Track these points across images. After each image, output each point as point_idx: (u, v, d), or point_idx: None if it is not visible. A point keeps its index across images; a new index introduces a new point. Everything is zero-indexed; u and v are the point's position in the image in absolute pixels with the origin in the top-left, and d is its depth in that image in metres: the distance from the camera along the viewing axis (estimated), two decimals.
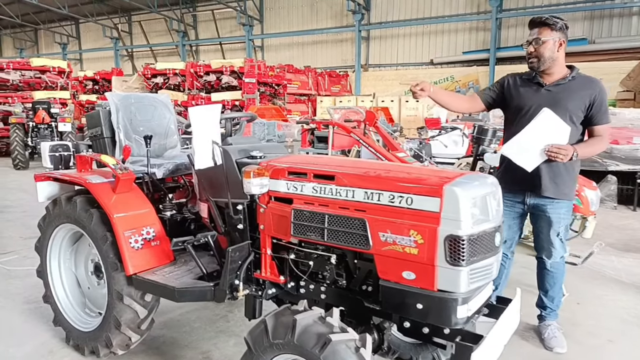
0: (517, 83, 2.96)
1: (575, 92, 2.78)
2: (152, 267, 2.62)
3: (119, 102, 3.21)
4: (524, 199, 2.94)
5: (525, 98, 2.88)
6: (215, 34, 25.03)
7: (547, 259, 3.03)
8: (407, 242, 1.90)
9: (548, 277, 3.09)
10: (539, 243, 3.04)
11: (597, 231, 5.62)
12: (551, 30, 2.73)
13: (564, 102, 2.77)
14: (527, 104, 2.85)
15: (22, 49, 32.49)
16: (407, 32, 20.14)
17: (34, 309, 3.62)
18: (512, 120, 2.95)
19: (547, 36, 2.73)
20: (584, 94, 2.77)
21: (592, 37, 16.36)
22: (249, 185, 2.23)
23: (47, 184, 3.08)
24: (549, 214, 2.89)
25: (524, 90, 2.90)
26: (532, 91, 2.86)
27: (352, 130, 5.23)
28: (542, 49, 2.74)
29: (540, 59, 2.76)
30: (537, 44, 2.74)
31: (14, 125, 11.62)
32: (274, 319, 1.97)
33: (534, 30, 2.78)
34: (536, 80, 2.87)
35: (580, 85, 2.79)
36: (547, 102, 2.76)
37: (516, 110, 2.92)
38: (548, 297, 3.14)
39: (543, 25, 2.74)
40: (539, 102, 2.81)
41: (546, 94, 2.82)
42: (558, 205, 2.89)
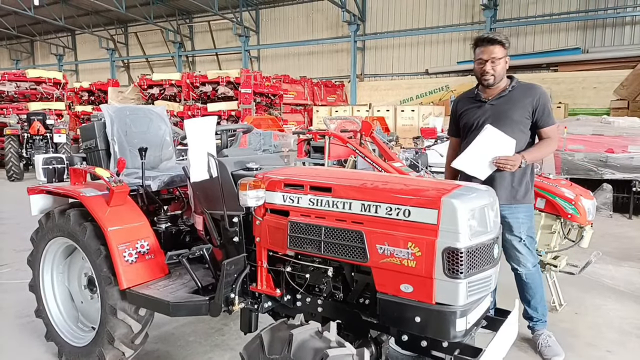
0: (463, 104, 3.09)
1: (518, 102, 2.87)
2: (146, 281, 2.59)
3: (114, 114, 3.19)
4: None
5: (470, 115, 2.99)
6: (211, 45, 25.14)
7: (519, 268, 3.05)
8: (404, 255, 1.88)
9: (526, 288, 3.11)
10: (506, 252, 3.05)
11: (593, 240, 5.62)
12: (503, 48, 2.83)
13: (509, 113, 2.86)
14: (473, 121, 2.97)
15: (18, 60, 32.53)
16: (402, 42, 20.30)
17: (25, 323, 3.57)
18: (464, 138, 3.06)
19: (501, 54, 2.82)
20: (526, 101, 2.86)
21: (585, 47, 16.53)
22: (244, 198, 2.21)
23: (40, 197, 3.05)
24: (507, 219, 2.94)
25: (469, 109, 3.01)
26: (476, 108, 2.97)
27: (348, 141, 5.23)
28: (498, 67, 2.83)
29: (496, 76, 2.85)
30: (494, 63, 2.82)
31: (8, 136, 11.58)
32: (270, 333, 1.94)
33: (484, 48, 2.84)
34: (478, 97, 2.98)
35: (520, 94, 2.89)
36: (493, 116, 2.88)
37: (465, 128, 3.03)
38: (532, 307, 3.15)
39: (498, 44, 2.82)
40: (484, 116, 2.92)
41: (490, 108, 2.92)
42: (516, 210, 2.94)
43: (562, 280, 4.16)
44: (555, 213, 3.62)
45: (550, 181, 3.73)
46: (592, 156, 7.37)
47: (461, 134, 3.13)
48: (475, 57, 2.91)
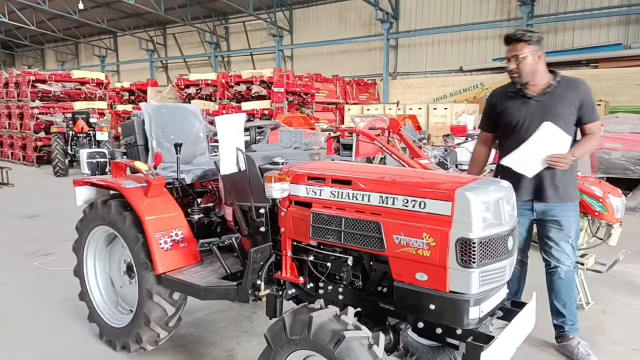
0: (503, 99, 2.97)
1: (563, 97, 2.81)
2: (180, 267, 2.77)
3: (152, 112, 3.40)
4: (532, 206, 2.94)
5: (514, 112, 2.89)
6: (246, 45, 25.58)
7: (560, 266, 2.97)
8: (420, 245, 1.97)
9: (564, 287, 3.00)
10: (548, 251, 2.99)
11: (628, 240, 5.48)
12: (528, 45, 2.76)
13: (555, 110, 2.79)
14: (518, 118, 2.87)
15: (64, 62, 34.04)
16: (436, 39, 20.06)
17: (70, 307, 3.84)
18: (507, 136, 2.95)
19: (525, 52, 2.76)
20: (571, 97, 2.80)
21: (627, 42, 15.89)
22: (270, 190, 2.35)
23: (85, 189, 3.29)
24: (558, 217, 2.89)
25: (511, 104, 2.91)
26: (520, 104, 2.88)
27: (376, 138, 5.31)
28: (522, 65, 2.78)
29: (522, 74, 2.80)
30: (517, 61, 2.78)
31: (55, 134, 12.21)
32: (292, 316, 2.07)
33: (510, 46, 2.81)
34: (522, 92, 2.88)
35: (565, 90, 2.82)
36: (539, 113, 2.81)
37: (508, 125, 2.92)
38: (567, 309, 3.03)
39: (519, 42, 2.77)
40: (530, 114, 2.84)
41: (535, 104, 2.84)
42: (567, 208, 2.90)
43: (592, 279, 4.11)
44: (582, 211, 3.59)
45: (578, 178, 3.70)
46: (630, 155, 7.17)
47: (500, 131, 3.03)
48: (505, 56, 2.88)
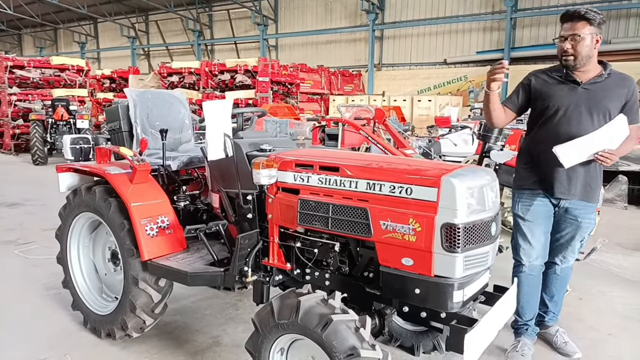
0: (546, 81, 2.70)
1: (613, 91, 2.59)
2: (166, 253, 2.76)
3: (136, 97, 3.36)
4: (560, 201, 2.72)
5: (560, 97, 2.62)
6: (230, 34, 25.28)
7: (560, 264, 2.89)
8: (406, 230, 2.00)
9: (557, 282, 2.94)
10: (556, 248, 2.86)
11: (606, 230, 5.65)
12: (590, 26, 2.49)
13: (605, 102, 2.57)
14: (563, 104, 2.61)
15: (42, 48, 33.19)
16: (421, 31, 20.13)
17: (53, 295, 3.80)
18: (543, 121, 2.70)
19: (585, 32, 2.48)
20: (621, 92, 2.59)
21: (608, 38, 16.17)
22: (258, 176, 2.35)
23: (68, 175, 3.24)
24: (581, 219, 2.73)
25: (558, 89, 2.64)
26: (568, 89, 2.62)
27: (362, 128, 5.33)
28: (579, 47, 2.49)
29: (577, 57, 2.52)
30: (575, 41, 2.50)
31: (33, 121, 11.94)
32: (280, 301, 2.09)
33: (569, 24, 2.53)
34: (570, 77, 2.62)
35: (615, 83, 2.60)
36: (586, 102, 2.58)
37: (547, 110, 2.66)
38: (553, 301, 3.00)
39: (581, 20, 2.48)
40: (577, 101, 2.59)
41: (584, 92, 2.59)
42: (591, 209, 2.75)
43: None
44: None
45: None
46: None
47: (534, 115, 2.77)
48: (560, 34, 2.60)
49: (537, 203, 2.76)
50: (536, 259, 2.81)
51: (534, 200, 2.76)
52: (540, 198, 2.75)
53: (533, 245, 2.78)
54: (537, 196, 2.76)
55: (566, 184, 2.66)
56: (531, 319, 2.92)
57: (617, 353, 3.04)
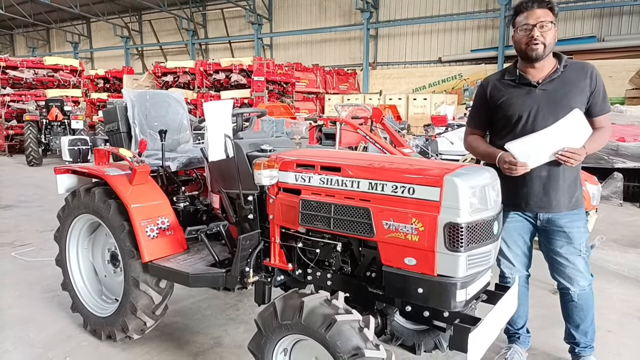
0: (500, 89, 2.51)
1: (573, 85, 2.40)
2: (166, 255, 2.75)
3: (134, 98, 3.34)
4: (537, 214, 2.54)
5: (519, 104, 2.43)
6: (224, 33, 25.21)
7: (572, 287, 2.58)
8: (409, 230, 2.00)
9: (576, 310, 2.62)
10: (559, 270, 2.59)
11: (602, 227, 5.69)
12: (553, 15, 2.37)
13: (566, 100, 2.37)
14: (522, 111, 2.42)
15: (35, 48, 32.94)
16: (416, 30, 20.17)
17: (51, 297, 3.78)
18: (506, 132, 2.48)
19: (550, 19, 2.35)
20: (583, 84, 2.40)
21: (601, 35, 16.29)
22: (259, 177, 2.35)
23: (66, 177, 3.22)
24: (566, 229, 2.50)
25: (515, 95, 2.45)
26: (525, 94, 2.44)
27: (359, 127, 5.34)
28: (549, 34, 2.35)
29: (547, 46, 2.35)
30: (543, 28, 2.33)
31: (28, 122, 11.86)
32: (283, 301, 2.09)
33: (534, 11, 2.34)
34: (524, 80, 2.44)
35: (575, 76, 2.42)
36: (547, 104, 2.39)
37: (508, 120, 2.47)
38: (580, 331, 2.65)
39: (546, 7, 2.35)
40: (537, 105, 2.40)
41: (542, 94, 2.40)
42: (576, 217, 2.52)
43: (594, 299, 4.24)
44: None
45: None
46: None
47: (497, 127, 2.55)
48: (517, 25, 2.40)
49: (509, 220, 2.57)
50: (518, 271, 2.70)
51: (506, 218, 2.54)
52: (512, 214, 2.58)
53: (510, 259, 2.69)
54: (509, 213, 2.56)
55: (543, 196, 2.47)
56: (522, 327, 2.87)
57: (617, 350, 3.06)
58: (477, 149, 2.64)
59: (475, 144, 2.65)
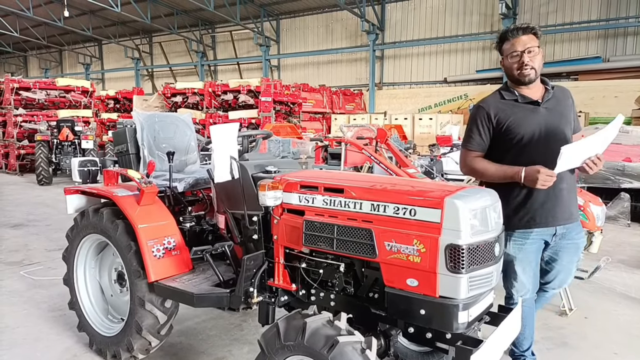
0: (504, 110, 2.52)
1: (565, 103, 2.57)
2: (172, 274, 2.79)
3: (143, 120, 3.42)
4: (556, 230, 2.56)
5: (525, 123, 2.47)
6: (233, 54, 25.62)
7: (555, 289, 2.79)
8: (410, 251, 2.02)
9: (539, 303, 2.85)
10: (553, 275, 2.70)
11: (609, 248, 5.65)
12: (537, 38, 2.47)
13: (566, 117, 2.53)
14: (531, 130, 2.47)
15: (47, 69, 33.64)
16: (421, 51, 20.38)
17: (58, 316, 3.81)
18: (523, 149, 2.47)
19: (536, 44, 2.47)
20: (569, 103, 2.60)
21: (606, 56, 16.35)
22: (263, 198, 2.39)
23: (75, 197, 3.29)
24: (576, 239, 2.63)
25: (521, 114, 2.49)
26: (530, 112, 2.50)
27: (364, 147, 5.39)
28: (537, 58, 2.47)
29: (537, 70, 2.47)
30: (531, 54, 2.45)
31: (39, 142, 12.06)
32: (286, 322, 2.11)
33: (520, 38, 2.44)
34: (527, 99, 2.51)
35: (562, 96, 2.59)
36: (552, 121, 2.48)
37: (521, 138, 2.47)
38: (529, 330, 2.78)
39: (531, 33, 2.46)
40: (545, 121, 2.47)
41: (545, 111, 2.50)
42: (578, 228, 2.66)
43: (574, 286, 4.22)
44: None
45: None
46: (610, 165, 7.37)
47: (506, 147, 2.52)
48: (506, 52, 2.50)
49: (529, 242, 2.55)
50: (526, 293, 2.65)
51: (527, 240, 2.55)
52: (534, 236, 2.55)
53: (524, 282, 2.62)
54: (530, 234, 2.54)
55: (568, 208, 2.54)
56: (527, 349, 2.83)
57: None
58: (487, 171, 2.54)
59: (482, 166, 2.57)
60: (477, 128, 2.58)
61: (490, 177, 2.55)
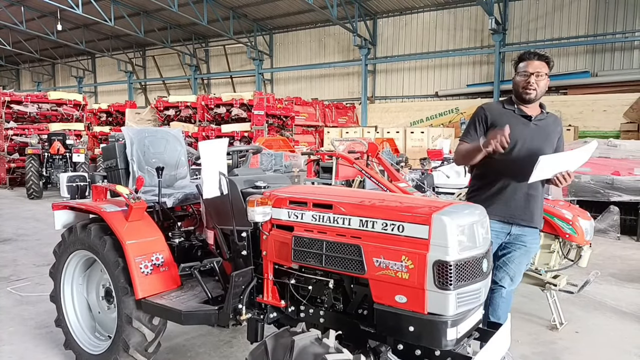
0: (500, 116, 2.83)
1: (554, 127, 2.90)
2: (160, 291, 2.76)
3: (133, 135, 3.42)
4: (511, 229, 2.87)
5: (516, 131, 2.70)
6: (226, 68, 25.73)
7: (507, 287, 2.93)
8: (399, 267, 2.02)
9: (504, 305, 2.94)
10: (503, 272, 2.91)
11: (599, 262, 5.68)
12: (548, 67, 2.80)
13: (550, 137, 2.84)
14: (520, 137, 2.76)
15: (40, 82, 33.54)
16: (413, 65, 20.59)
17: (45, 333, 3.75)
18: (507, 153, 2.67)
19: (546, 72, 2.79)
20: (558, 129, 2.92)
21: (594, 70, 16.61)
22: (252, 214, 2.38)
23: (63, 213, 3.26)
24: (528, 244, 2.88)
25: (514, 123, 2.74)
26: (522, 124, 2.80)
27: (355, 161, 5.41)
28: (542, 83, 2.77)
29: (538, 93, 2.78)
30: (539, 77, 2.76)
31: (29, 156, 11.96)
32: (274, 340, 2.09)
33: (533, 62, 2.77)
34: (523, 112, 2.83)
35: (553, 121, 2.93)
36: (536, 136, 2.79)
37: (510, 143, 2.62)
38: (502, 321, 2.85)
39: (545, 61, 2.79)
40: (532, 135, 2.78)
41: (535, 128, 2.81)
42: (536, 235, 2.93)
43: (565, 300, 4.24)
44: (553, 233, 3.73)
45: (548, 202, 3.85)
46: (599, 178, 7.44)
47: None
48: (519, 70, 2.82)
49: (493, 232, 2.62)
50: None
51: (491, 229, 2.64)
52: (497, 224, 2.80)
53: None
54: (494, 223, 2.74)
55: (529, 211, 2.83)
56: None
57: None
58: (461, 151, 2.89)
59: (460, 147, 2.93)
60: (474, 125, 2.92)
61: (463, 153, 2.87)
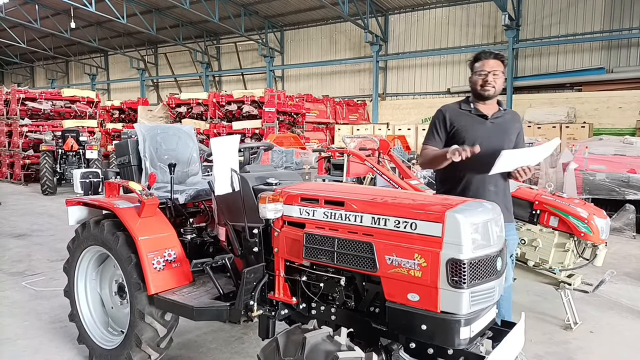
0: (458, 117, 2.93)
1: (511, 124, 2.96)
2: (172, 287, 2.77)
3: (146, 132, 3.43)
4: None
5: (474, 130, 2.87)
6: (237, 65, 25.80)
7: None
8: (411, 265, 2.00)
9: (505, 303, 2.93)
10: None
11: (614, 261, 5.59)
12: (503, 65, 2.90)
13: (508, 134, 2.91)
14: (478, 136, 2.82)
15: (54, 80, 33.95)
16: (424, 62, 20.45)
17: (59, 328, 3.79)
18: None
19: (502, 69, 2.89)
20: (516, 126, 2.99)
21: (610, 67, 16.35)
22: (264, 210, 2.38)
23: (77, 209, 3.29)
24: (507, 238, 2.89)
25: (470, 123, 2.89)
26: (478, 123, 2.90)
27: (366, 158, 5.38)
28: (499, 81, 2.87)
29: (497, 89, 2.88)
30: (495, 75, 2.85)
31: (44, 152, 12.11)
32: (285, 337, 2.08)
33: (488, 61, 2.86)
34: (479, 112, 2.91)
35: (511, 118, 2.99)
36: (494, 134, 2.87)
37: (468, 142, 2.76)
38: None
39: (499, 59, 2.88)
40: (489, 133, 2.86)
41: (491, 126, 2.89)
42: (510, 227, 2.92)
43: (579, 299, 4.18)
44: (568, 231, 3.68)
45: (563, 200, 3.80)
46: (614, 176, 7.33)
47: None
48: (475, 70, 2.92)
49: None
50: None
51: None
52: None
53: None
54: None
55: None
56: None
57: None
58: (427, 156, 2.94)
59: (426, 152, 2.98)
60: (435, 127, 3.00)
61: (430, 160, 2.92)
